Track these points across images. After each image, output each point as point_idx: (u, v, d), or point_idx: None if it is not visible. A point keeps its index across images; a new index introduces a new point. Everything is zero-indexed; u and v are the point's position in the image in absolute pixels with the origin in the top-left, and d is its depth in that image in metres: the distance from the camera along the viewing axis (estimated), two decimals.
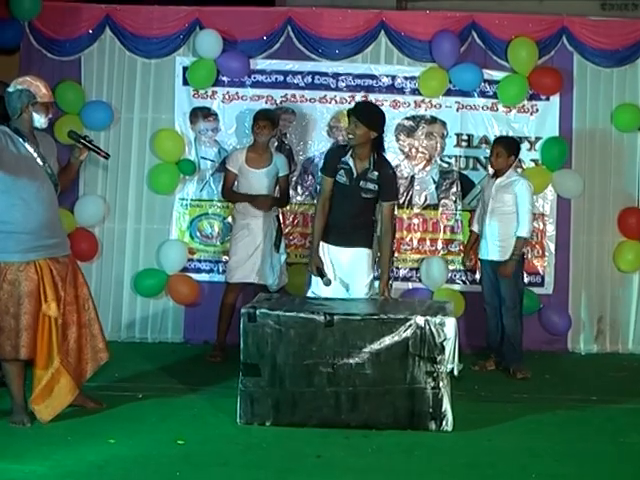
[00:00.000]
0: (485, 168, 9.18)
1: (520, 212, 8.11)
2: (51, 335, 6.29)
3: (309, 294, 7.39)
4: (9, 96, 6.28)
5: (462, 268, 9.21)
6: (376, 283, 7.33)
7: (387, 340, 6.30)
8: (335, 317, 6.33)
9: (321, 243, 7.30)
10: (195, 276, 9.30)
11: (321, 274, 7.23)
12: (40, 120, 6.33)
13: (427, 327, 6.30)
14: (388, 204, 7.25)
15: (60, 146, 8.94)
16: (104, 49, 9.33)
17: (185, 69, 9.26)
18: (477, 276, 9.09)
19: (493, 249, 8.22)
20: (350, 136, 7.15)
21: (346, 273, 7.24)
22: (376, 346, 6.30)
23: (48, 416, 6.32)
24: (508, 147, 8.25)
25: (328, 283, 7.20)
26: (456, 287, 9.22)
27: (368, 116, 7.13)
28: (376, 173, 7.14)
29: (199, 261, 9.35)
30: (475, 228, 8.59)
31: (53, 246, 6.38)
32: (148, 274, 9.21)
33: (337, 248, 7.28)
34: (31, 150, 6.29)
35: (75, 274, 6.54)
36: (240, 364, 6.39)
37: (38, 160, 6.31)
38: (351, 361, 6.30)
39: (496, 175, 8.30)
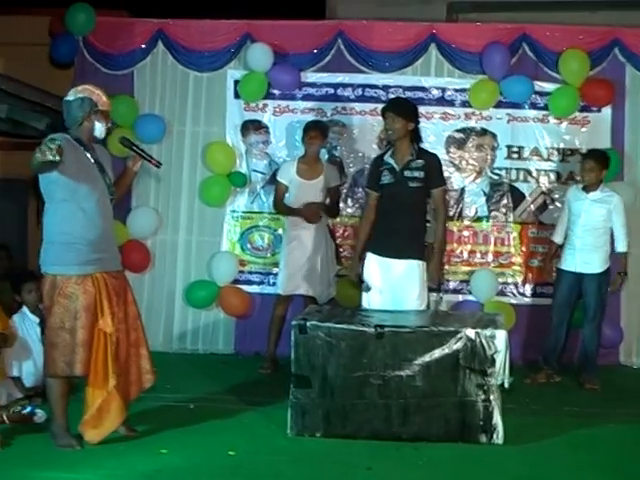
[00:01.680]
0: (537, 180, 9.16)
1: (617, 227, 8.21)
2: (106, 352, 6.08)
3: (362, 305, 7.40)
4: (69, 104, 6.10)
5: (512, 281, 9.18)
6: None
7: (437, 352, 6.28)
8: (385, 329, 6.33)
9: (370, 255, 7.33)
10: (246, 288, 9.36)
11: (360, 281, 7.26)
12: (101, 128, 6.16)
13: (478, 339, 6.28)
14: (438, 190, 7.34)
15: (113, 158, 9.15)
16: (157, 63, 9.46)
17: (236, 82, 9.35)
18: (527, 288, 9.08)
19: (582, 262, 8.23)
20: (389, 132, 7.28)
21: (397, 285, 7.24)
22: (427, 358, 6.29)
23: (96, 439, 6.11)
24: (600, 161, 8.24)
25: (368, 289, 7.24)
26: (506, 299, 9.18)
27: (403, 108, 7.30)
28: (420, 161, 7.23)
29: (250, 273, 9.41)
30: (557, 239, 8.54)
31: (108, 260, 6.21)
32: (199, 286, 9.28)
33: (387, 260, 7.30)
34: (92, 159, 6.14)
35: (126, 291, 6.32)
36: (291, 376, 6.41)
37: (97, 170, 6.17)
38: (402, 373, 6.29)
39: (586, 188, 8.28)
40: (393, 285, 7.25)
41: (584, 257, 8.21)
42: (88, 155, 6.13)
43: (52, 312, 6.04)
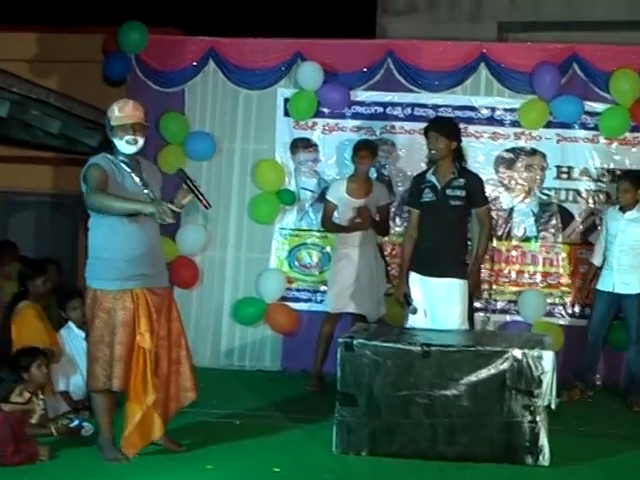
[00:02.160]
0: (587, 201, 9.12)
1: None
2: (145, 368, 6.06)
3: (407, 325, 7.41)
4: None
5: (561, 301, 9.13)
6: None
7: (484, 372, 6.26)
8: (432, 348, 6.32)
9: (413, 274, 7.35)
10: (293, 305, 9.38)
11: (408, 302, 7.27)
12: (121, 144, 6.08)
13: (524, 360, 6.24)
14: (482, 209, 7.40)
15: (163, 176, 9.23)
16: (207, 81, 9.53)
17: (286, 100, 9.39)
18: (576, 309, 9.03)
19: (620, 282, 8.22)
20: (433, 152, 7.33)
21: (438, 304, 7.25)
22: (473, 378, 6.26)
23: (132, 453, 6.13)
24: (634, 181, 8.26)
25: (414, 311, 7.27)
26: (555, 320, 9.12)
27: (446, 128, 7.38)
28: (462, 180, 7.27)
29: (297, 290, 9.43)
30: (596, 261, 8.51)
31: (151, 276, 6.17)
32: (247, 302, 9.32)
33: (428, 279, 7.31)
34: (133, 176, 6.12)
35: (170, 308, 6.30)
36: (337, 393, 6.41)
37: (140, 186, 6.13)
38: (448, 393, 6.27)
39: (622, 209, 8.29)
40: (434, 304, 7.27)
41: (622, 278, 8.20)
42: (128, 171, 6.11)
43: (93, 326, 6.08)
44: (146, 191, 6.14)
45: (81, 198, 6.11)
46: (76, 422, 6.73)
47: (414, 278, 7.38)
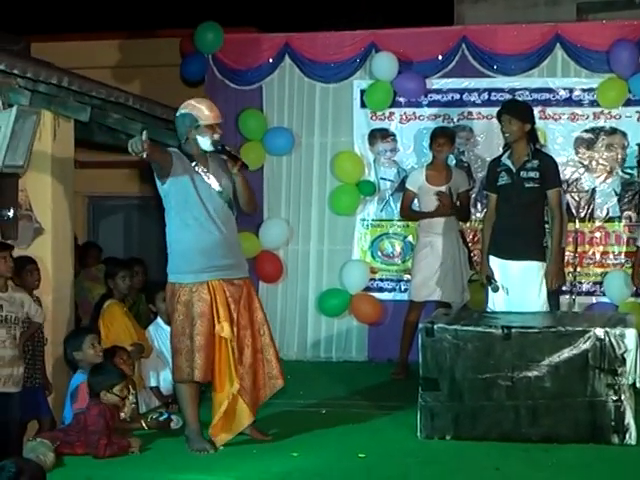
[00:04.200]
0: None
1: None
2: (228, 358, 6.17)
3: (488, 306, 7.41)
4: (176, 121, 6.34)
5: None
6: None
7: (566, 353, 6.21)
8: (512, 330, 6.29)
9: (491, 257, 7.34)
10: (378, 295, 9.44)
11: (489, 281, 7.27)
12: (205, 142, 6.24)
13: (607, 339, 6.17)
14: (552, 191, 7.27)
15: (245, 173, 9.33)
16: (284, 76, 9.64)
17: (362, 92, 9.46)
18: None
19: None
20: (507, 134, 7.31)
21: (516, 287, 7.23)
22: (555, 359, 6.22)
23: (222, 442, 6.23)
24: None
25: (496, 289, 7.29)
26: None
27: (519, 110, 7.37)
28: (536, 162, 7.23)
29: (381, 280, 9.49)
30: None
31: (227, 267, 6.26)
32: (332, 294, 9.39)
33: (506, 262, 7.30)
34: (201, 171, 6.24)
35: (251, 298, 6.37)
36: (420, 379, 6.44)
37: (210, 181, 6.25)
38: (530, 374, 6.24)
39: None
40: (513, 286, 7.25)
41: None
42: (198, 167, 6.25)
43: (174, 319, 6.23)
44: (219, 188, 6.27)
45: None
46: (165, 416, 6.85)
47: (493, 261, 7.39)
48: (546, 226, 7.32)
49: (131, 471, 5.84)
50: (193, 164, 6.24)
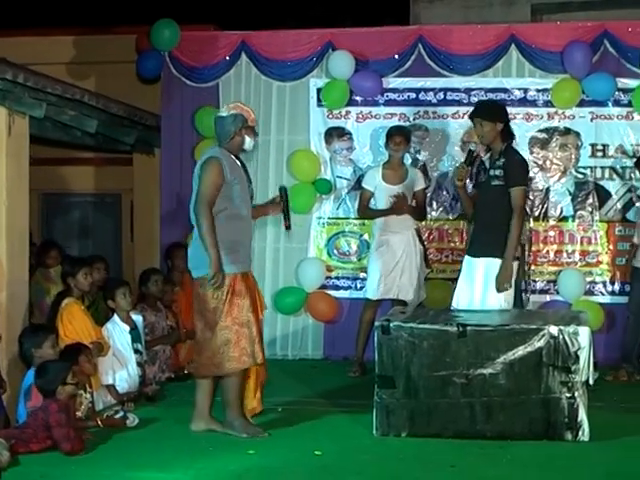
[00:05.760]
0: (622, 178, 9.09)
1: None
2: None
3: (451, 306, 7.47)
4: (222, 120, 6.58)
5: (600, 279, 9.14)
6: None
7: (520, 350, 6.28)
8: (468, 328, 6.35)
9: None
10: (334, 293, 9.45)
11: None
12: (250, 142, 6.64)
13: (561, 337, 6.25)
14: (513, 190, 7.11)
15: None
16: (240, 74, 9.62)
17: (319, 90, 9.46)
18: (616, 287, 9.02)
19: None
20: (480, 137, 7.32)
21: (479, 284, 7.25)
22: (510, 356, 6.29)
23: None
24: None
25: None
26: (595, 299, 9.10)
27: (488, 110, 7.33)
28: (503, 160, 7.18)
29: (337, 278, 9.50)
30: (636, 240, 8.51)
31: (251, 260, 6.83)
32: (288, 292, 9.39)
33: (473, 259, 7.34)
34: (242, 171, 6.65)
35: (258, 288, 6.86)
36: (376, 376, 6.48)
37: (246, 180, 6.70)
38: (485, 372, 6.31)
39: None
40: (476, 284, 7.27)
41: None
42: (240, 165, 6.65)
43: (219, 310, 6.47)
44: (249, 184, 6.75)
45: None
46: (121, 414, 6.89)
47: (465, 258, 7.45)
48: None
49: (87, 469, 5.83)
50: (237, 163, 6.64)
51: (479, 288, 7.24)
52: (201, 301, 6.51)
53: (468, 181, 7.65)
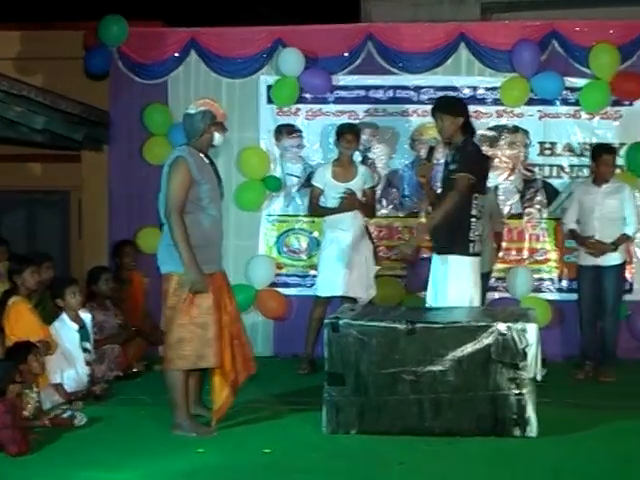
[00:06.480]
0: (570, 176, 9.17)
1: (630, 213, 8.31)
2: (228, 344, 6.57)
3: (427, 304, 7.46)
4: (191, 117, 6.55)
5: (548, 277, 9.21)
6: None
7: (469, 347, 6.31)
8: (417, 325, 6.37)
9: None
10: (283, 290, 9.45)
11: None
12: (219, 138, 6.63)
13: (509, 334, 6.29)
14: (456, 176, 7.06)
15: (149, 168, 9.28)
16: (190, 71, 9.58)
17: (269, 88, 9.45)
18: (564, 284, 9.11)
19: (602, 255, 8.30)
20: (441, 132, 7.32)
21: (439, 281, 7.25)
22: (458, 353, 6.32)
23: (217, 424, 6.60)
24: (614, 154, 8.44)
25: None
26: (543, 296, 9.18)
27: (448, 105, 7.35)
28: (458, 154, 7.17)
29: (287, 276, 9.50)
30: (572, 225, 8.54)
31: (221, 259, 6.78)
32: (237, 289, 9.19)
33: (436, 256, 7.34)
34: (211, 169, 6.62)
35: (229, 287, 6.77)
36: (325, 374, 6.48)
37: (216, 177, 6.67)
38: (434, 369, 6.33)
39: (595, 181, 8.38)
40: (439, 281, 7.26)
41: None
42: (208, 163, 6.62)
43: (179, 309, 6.44)
44: (219, 182, 6.73)
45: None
46: (69, 413, 6.81)
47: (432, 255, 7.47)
48: (472, 220, 7.10)
49: (34, 469, 5.76)
50: (206, 161, 6.61)
51: (443, 285, 7.22)
52: (164, 296, 6.54)
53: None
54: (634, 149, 9.05)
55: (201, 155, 6.57)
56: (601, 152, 8.44)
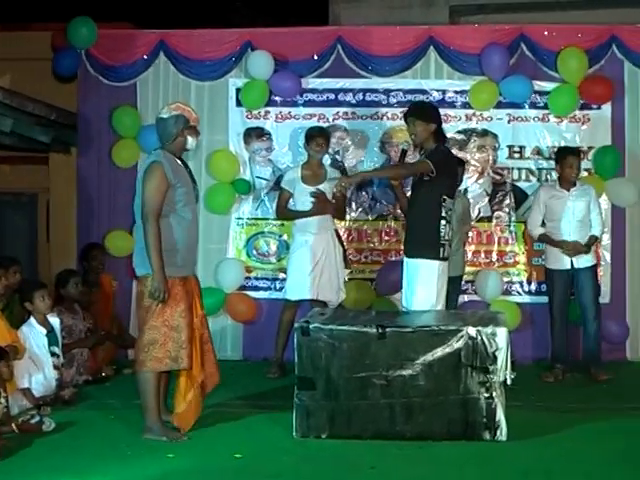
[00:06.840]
0: (539, 179, 9.21)
1: (597, 214, 8.43)
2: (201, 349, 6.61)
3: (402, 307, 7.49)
4: (164, 122, 6.54)
5: (517, 279, 9.25)
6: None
7: (439, 351, 6.32)
8: (387, 330, 6.38)
9: None
10: (253, 294, 9.42)
11: None
12: (193, 142, 6.62)
13: (479, 337, 6.31)
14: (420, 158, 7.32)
15: (117, 170, 9.23)
16: (159, 73, 9.54)
17: (238, 90, 9.43)
18: (532, 287, 9.16)
19: (575, 257, 8.36)
20: (413, 137, 7.33)
21: (408, 284, 7.26)
22: (429, 357, 6.33)
23: (186, 429, 6.57)
24: (579, 157, 8.50)
25: None
26: (512, 298, 9.22)
27: (421, 111, 7.38)
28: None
29: (256, 279, 9.47)
30: (539, 231, 8.60)
31: (194, 263, 6.85)
32: (206, 293, 9.11)
33: (406, 259, 7.35)
34: (185, 172, 6.62)
35: (200, 292, 6.79)
36: (295, 378, 6.47)
37: (191, 180, 6.68)
38: (404, 373, 6.34)
39: (562, 185, 8.43)
40: (408, 283, 7.28)
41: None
42: (182, 167, 6.62)
43: (151, 310, 6.43)
44: (194, 184, 6.76)
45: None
46: (37, 418, 6.75)
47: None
48: (442, 222, 7.13)
49: (8, 476, 5.72)
50: (180, 164, 6.60)
51: (411, 288, 7.24)
52: (138, 298, 6.56)
53: None
54: (602, 152, 9.11)
55: (175, 159, 6.56)
56: (565, 154, 8.49)
